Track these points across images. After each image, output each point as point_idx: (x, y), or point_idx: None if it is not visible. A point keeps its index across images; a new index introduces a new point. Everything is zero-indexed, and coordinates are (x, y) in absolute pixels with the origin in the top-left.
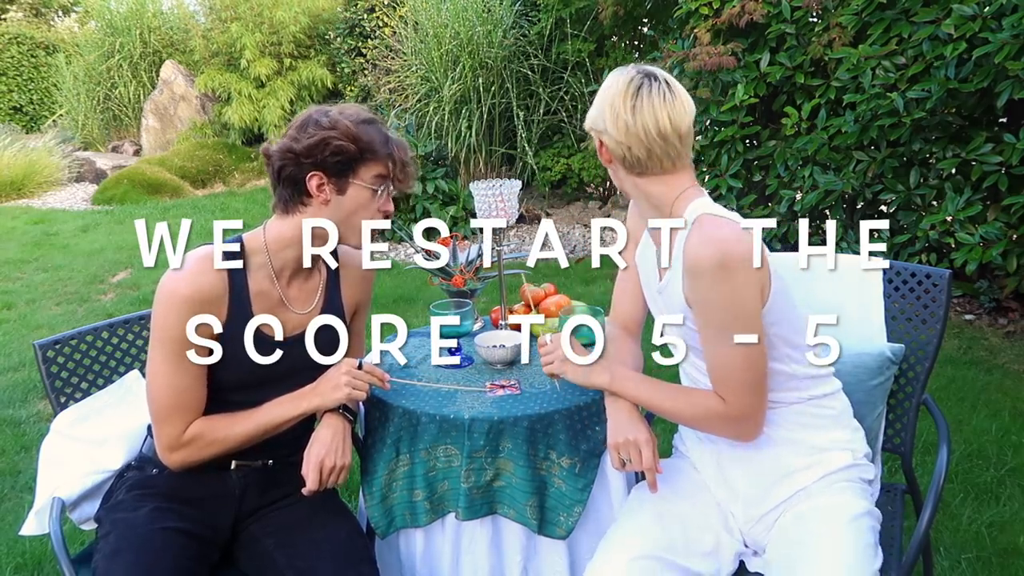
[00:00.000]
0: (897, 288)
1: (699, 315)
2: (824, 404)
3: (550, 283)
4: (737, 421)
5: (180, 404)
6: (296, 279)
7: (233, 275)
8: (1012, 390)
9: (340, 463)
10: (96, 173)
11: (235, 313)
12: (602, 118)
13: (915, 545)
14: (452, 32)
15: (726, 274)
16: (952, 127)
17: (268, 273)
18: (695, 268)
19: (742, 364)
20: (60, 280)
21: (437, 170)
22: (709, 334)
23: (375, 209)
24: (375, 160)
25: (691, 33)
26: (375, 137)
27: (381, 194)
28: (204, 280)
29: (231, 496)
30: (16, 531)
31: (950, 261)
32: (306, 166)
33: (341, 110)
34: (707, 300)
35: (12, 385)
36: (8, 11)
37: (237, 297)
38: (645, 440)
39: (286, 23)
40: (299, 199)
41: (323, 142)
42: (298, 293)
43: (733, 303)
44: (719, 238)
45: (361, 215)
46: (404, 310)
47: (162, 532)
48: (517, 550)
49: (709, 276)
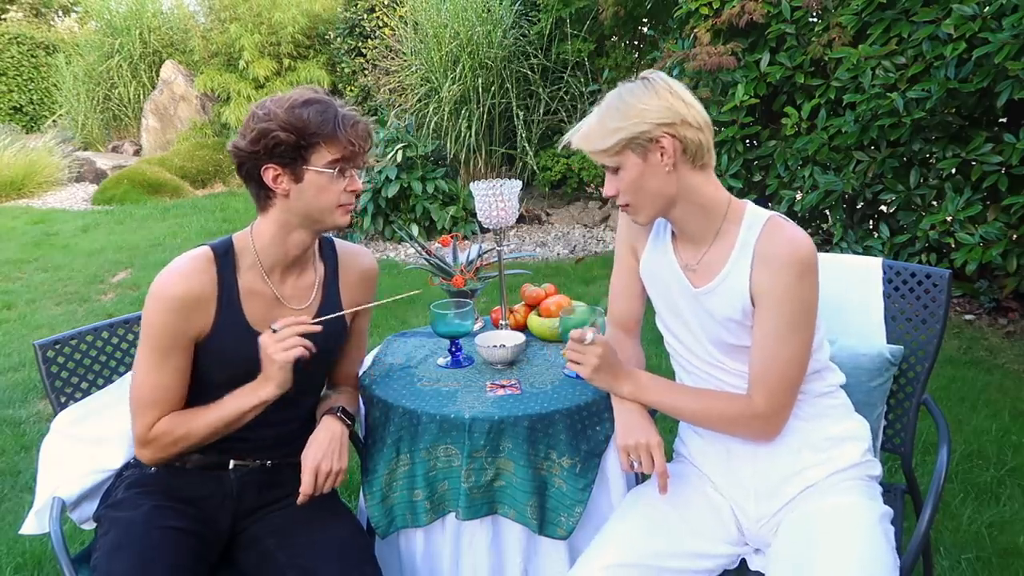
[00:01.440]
0: (897, 288)
1: (768, 311)
2: (836, 395)
3: (550, 283)
4: (766, 419)
5: (156, 400)
6: (289, 276)
7: (223, 275)
8: (1012, 390)
9: (336, 467)
10: (96, 173)
11: (224, 312)
12: (675, 112)
13: (915, 545)
14: (452, 32)
15: (806, 271)
16: (952, 127)
17: (259, 272)
18: (779, 261)
19: (796, 361)
20: (60, 280)
21: (437, 170)
22: (773, 330)
23: (339, 190)
24: (323, 143)
25: (691, 33)
26: (314, 119)
27: (341, 175)
28: (193, 281)
29: (229, 496)
30: (16, 531)
31: (950, 261)
32: (260, 160)
33: (279, 98)
34: (784, 296)
35: (12, 385)
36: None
37: (227, 296)
38: (657, 443)
39: (284, 24)
40: (266, 194)
41: (262, 134)
42: (293, 291)
43: (807, 300)
44: (799, 237)
45: (326, 199)
46: (404, 310)
47: (161, 530)
48: (517, 550)
49: (793, 271)
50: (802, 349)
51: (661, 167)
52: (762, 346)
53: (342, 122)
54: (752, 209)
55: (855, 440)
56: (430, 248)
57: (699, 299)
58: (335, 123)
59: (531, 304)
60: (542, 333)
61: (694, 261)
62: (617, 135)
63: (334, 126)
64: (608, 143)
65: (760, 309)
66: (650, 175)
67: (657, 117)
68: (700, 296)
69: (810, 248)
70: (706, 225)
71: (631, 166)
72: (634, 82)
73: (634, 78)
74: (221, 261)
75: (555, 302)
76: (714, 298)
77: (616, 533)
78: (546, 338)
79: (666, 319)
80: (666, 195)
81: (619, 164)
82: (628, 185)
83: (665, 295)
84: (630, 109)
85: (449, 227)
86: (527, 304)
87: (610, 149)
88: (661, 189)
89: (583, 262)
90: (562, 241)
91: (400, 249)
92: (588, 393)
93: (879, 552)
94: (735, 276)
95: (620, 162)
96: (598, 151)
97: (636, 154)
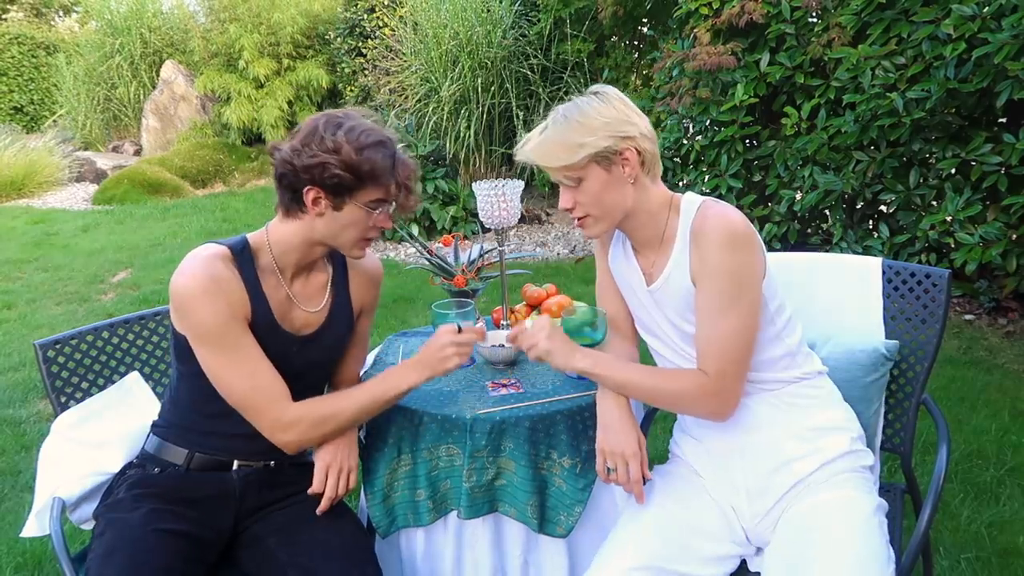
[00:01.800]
0: (896, 288)
1: (704, 287)
2: (816, 384)
3: (551, 283)
4: (716, 394)
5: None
6: (299, 277)
7: (243, 270)
8: (1012, 390)
9: (347, 466)
10: (96, 173)
11: (256, 304)
12: (632, 125)
13: (915, 545)
14: (451, 32)
15: (737, 243)
16: (952, 127)
17: (274, 271)
18: (707, 238)
19: (738, 335)
20: (60, 280)
21: (437, 170)
22: (710, 304)
23: (370, 226)
24: (375, 186)
25: (691, 33)
26: (378, 163)
27: (379, 213)
28: (215, 268)
29: (231, 496)
30: (17, 532)
31: (950, 261)
32: (304, 180)
33: (351, 128)
34: (716, 270)
35: (12, 385)
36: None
37: (254, 291)
38: (632, 453)
39: (283, 24)
40: (299, 207)
41: (322, 166)
42: (304, 290)
43: (741, 272)
44: (728, 213)
45: (353, 232)
46: (405, 310)
47: (156, 533)
48: (518, 548)
49: (722, 245)
50: (742, 323)
51: (624, 179)
52: (703, 322)
53: (397, 166)
54: (688, 198)
55: (841, 429)
56: (431, 248)
57: (654, 296)
58: (392, 167)
59: (532, 304)
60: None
61: (649, 264)
62: (584, 150)
63: (391, 171)
64: (574, 158)
65: (699, 288)
66: (612, 187)
67: (619, 130)
68: (654, 294)
69: (740, 221)
70: (655, 228)
71: (594, 179)
72: (586, 97)
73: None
74: (239, 258)
75: (556, 302)
76: (666, 293)
77: (632, 535)
78: None
79: (639, 320)
80: (623, 207)
81: (582, 177)
82: (590, 198)
83: (632, 298)
84: (592, 123)
85: (449, 227)
86: (528, 304)
87: (576, 164)
88: (620, 201)
89: (583, 262)
90: (562, 241)
91: (400, 249)
92: (589, 393)
93: (873, 547)
94: (679, 266)
95: (584, 175)
96: (561, 167)
97: (601, 167)
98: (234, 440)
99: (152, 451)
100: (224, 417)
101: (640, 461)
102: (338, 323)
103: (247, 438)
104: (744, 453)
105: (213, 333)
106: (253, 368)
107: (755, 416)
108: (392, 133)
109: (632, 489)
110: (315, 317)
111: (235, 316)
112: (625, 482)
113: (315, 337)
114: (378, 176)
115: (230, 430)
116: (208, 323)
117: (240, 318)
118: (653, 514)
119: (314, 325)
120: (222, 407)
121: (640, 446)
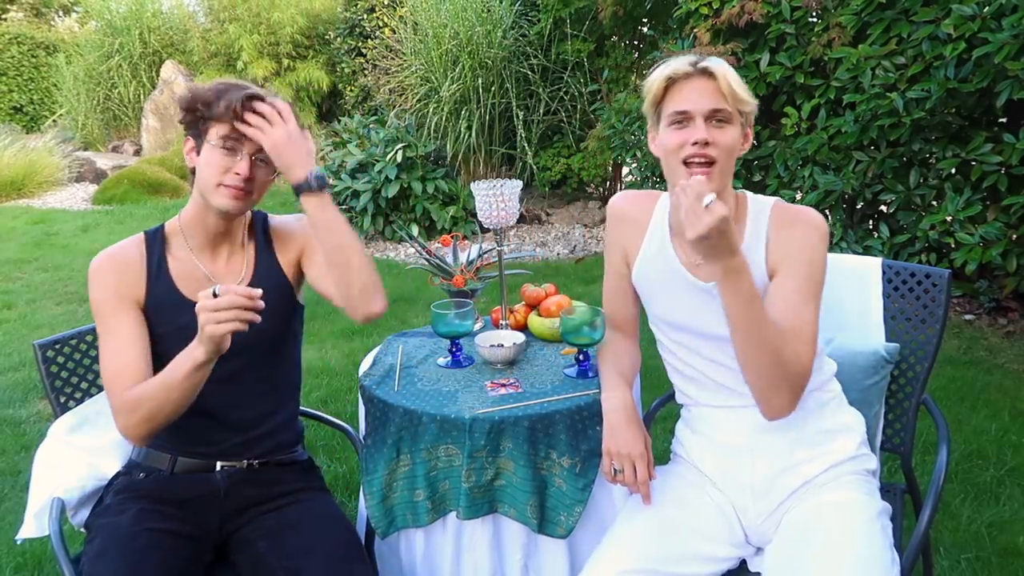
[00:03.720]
0: (896, 288)
1: (791, 272)
2: (830, 387)
3: (550, 283)
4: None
5: (117, 370)
6: (219, 256)
7: (151, 250)
8: (1012, 390)
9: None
10: (96, 173)
11: (154, 281)
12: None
13: (915, 545)
14: (451, 32)
15: (824, 238)
16: (952, 127)
17: (186, 250)
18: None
19: (814, 324)
20: (60, 280)
21: (437, 170)
22: (796, 288)
23: (223, 167)
24: (215, 121)
25: (691, 33)
26: (214, 95)
27: (231, 153)
28: (120, 251)
29: (216, 496)
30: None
31: (950, 261)
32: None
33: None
34: (807, 257)
35: (12, 385)
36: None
37: (155, 267)
38: (640, 454)
39: (283, 24)
40: (191, 170)
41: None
42: (225, 269)
43: (823, 266)
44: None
45: (208, 174)
46: (404, 310)
47: (147, 532)
48: (518, 549)
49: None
50: (817, 316)
51: (737, 151)
52: (786, 302)
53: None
54: (753, 197)
55: (850, 433)
56: (430, 248)
57: (712, 292)
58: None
59: (531, 304)
60: (542, 333)
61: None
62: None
63: (227, 103)
64: (748, 100)
65: (782, 273)
66: (735, 152)
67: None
68: (714, 290)
69: (822, 219)
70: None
71: (735, 133)
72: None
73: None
74: (150, 240)
75: (555, 302)
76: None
77: (626, 536)
78: (546, 338)
79: (667, 320)
80: (728, 178)
81: (730, 121)
82: (725, 146)
83: (665, 297)
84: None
85: (449, 227)
86: (527, 304)
87: (744, 105)
88: (730, 171)
89: (583, 262)
90: (562, 241)
91: (400, 249)
92: (588, 393)
93: (876, 549)
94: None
95: (732, 120)
96: (736, 95)
97: (741, 129)
98: (214, 441)
99: (137, 458)
100: (202, 418)
101: (647, 462)
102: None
103: (226, 438)
104: (755, 453)
105: (96, 311)
106: (118, 347)
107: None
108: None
109: (639, 490)
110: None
111: (120, 295)
112: (632, 483)
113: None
114: (209, 104)
115: (209, 431)
116: (94, 299)
117: (127, 298)
118: (649, 515)
119: None
120: (199, 409)
121: (646, 446)
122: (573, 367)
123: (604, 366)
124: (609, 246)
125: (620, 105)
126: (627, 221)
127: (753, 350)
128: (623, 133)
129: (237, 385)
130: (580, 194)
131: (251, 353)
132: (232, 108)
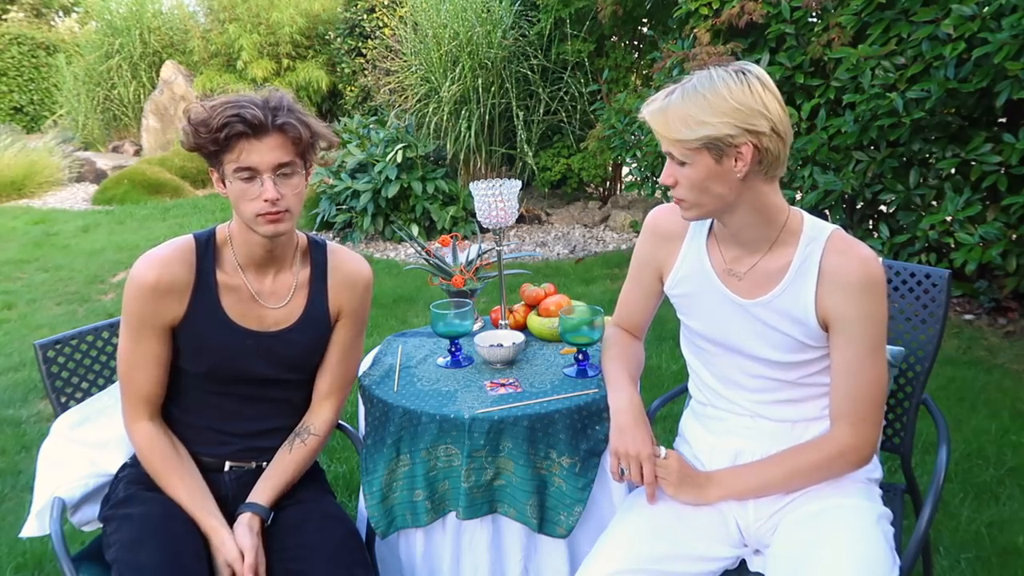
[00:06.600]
0: (896, 288)
1: (847, 337)
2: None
3: (550, 283)
4: (857, 450)
5: (133, 378)
6: (266, 275)
7: (201, 264)
8: (1012, 390)
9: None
10: (96, 173)
11: (199, 300)
12: (765, 119)
13: (915, 545)
14: (451, 32)
15: (879, 289)
16: (952, 127)
17: (236, 268)
18: (855, 286)
19: (879, 381)
20: (61, 280)
21: (437, 170)
22: (857, 355)
23: (254, 197)
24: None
25: (691, 33)
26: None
27: (252, 180)
28: (171, 269)
29: (224, 497)
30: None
31: (950, 261)
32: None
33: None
34: (864, 321)
35: (12, 385)
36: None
37: (203, 285)
38: (647, 455)
39: (282, 24)
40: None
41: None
42: (270, 289)
43: (884, 317)
44: (871, 256)
45: (248, 208)
46: (404, 310)
47: (181, 521)
48: (517, 549)
49: (869, 292)
50: (883, 366)
51: (732, 174)
52: (845, 374)
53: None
54: (811, 221)
55: None
56: (430, 248)
57: (750, 311)
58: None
59: (531, 304)
60: (542, 333)
61: (742, 269)
62: (700, 131)
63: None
64: (688, 136)
65: (837, 336)
66: (718, 179)
67: (746, 121)
68: (752, 308)
69: (879, 265)
70: (762, 234)
71: (701, 167)
72: (728, 71)
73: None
74: (202, 251)
75: (555, 302)
76: (770, 312)
77: (620, 537)
78: (546, 338)
79: (702, 335)
80: (726, 201)
81: (688, 160)
82: (691, 183)
83: (703, 311)
84: (721, 104)
85: (449, 227)
86: (527, 304)
87: (687, 143)
88: (724, 195)
89: (583, 262)
90: (562, 241)
91: (400, 249)
92: (588, 393)
93: (878, 553)
94: (797, 292)
95: (691, 159)
96: (673, 139)
97: (711, 155)
98: (228, 443)
99: None
100: (222, 426)
101: (654, 463)
102: (310, 323)
103: (241, 443)
104: (758, 456)
105: (126, 316)
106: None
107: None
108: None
109: (648, 489)
110: (283, 315)
111: (157, 317)
112: (639, 482)
113: (281, 335)
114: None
115: (225, 437)
116: (128, 308)
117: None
118: (644, 515)
119: (282, 323)
120: (195, 398)
121: (653, 447)
122: (572, 367)
123: (611, 365)
124: (640, 257)
125: (620, 105)
126: (664, 237)
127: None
128: (623, 133)
129: (261, 403)
130: (580, 194)
131: (282, 384)
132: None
